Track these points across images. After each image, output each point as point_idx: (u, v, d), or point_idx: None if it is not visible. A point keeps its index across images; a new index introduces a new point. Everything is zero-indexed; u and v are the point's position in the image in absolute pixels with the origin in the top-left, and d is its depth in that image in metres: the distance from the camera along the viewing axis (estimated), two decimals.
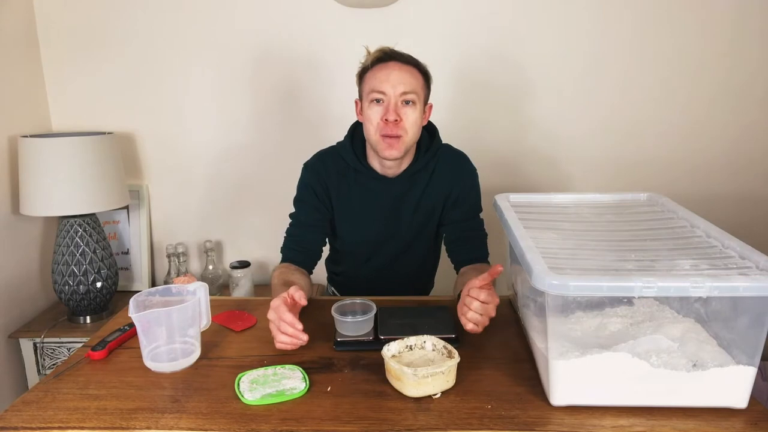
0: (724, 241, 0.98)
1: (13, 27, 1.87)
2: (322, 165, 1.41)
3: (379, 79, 1.26)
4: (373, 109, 1.28)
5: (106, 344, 1.09)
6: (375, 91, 1.27)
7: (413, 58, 1.31)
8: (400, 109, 1.27)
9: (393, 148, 1.28)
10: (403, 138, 1.28)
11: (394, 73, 1.26)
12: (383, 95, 1.26)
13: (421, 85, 1.30)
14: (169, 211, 2.13)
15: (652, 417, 0.87)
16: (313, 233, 1.41)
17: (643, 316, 0.98)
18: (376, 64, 1.28)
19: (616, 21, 1.92)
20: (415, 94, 1.27)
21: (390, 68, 1.27)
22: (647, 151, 2.03)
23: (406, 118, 1.27)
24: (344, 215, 1.42)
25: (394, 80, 1.25)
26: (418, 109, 1.29)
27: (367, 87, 1.29)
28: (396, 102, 1.26)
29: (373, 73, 1.28)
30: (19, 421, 0.88)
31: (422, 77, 1.31)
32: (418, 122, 1.30)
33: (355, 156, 1.38)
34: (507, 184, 2.02)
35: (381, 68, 1.27)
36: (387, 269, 1.47)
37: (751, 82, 1.96)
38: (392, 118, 1.25)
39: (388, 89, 1.25)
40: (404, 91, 1.26)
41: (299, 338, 1.05)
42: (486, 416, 0.88)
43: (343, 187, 1.40)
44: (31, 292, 1.95)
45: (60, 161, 1.72)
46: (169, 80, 2.01)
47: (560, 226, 1.11)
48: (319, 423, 0.87)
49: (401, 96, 1.26)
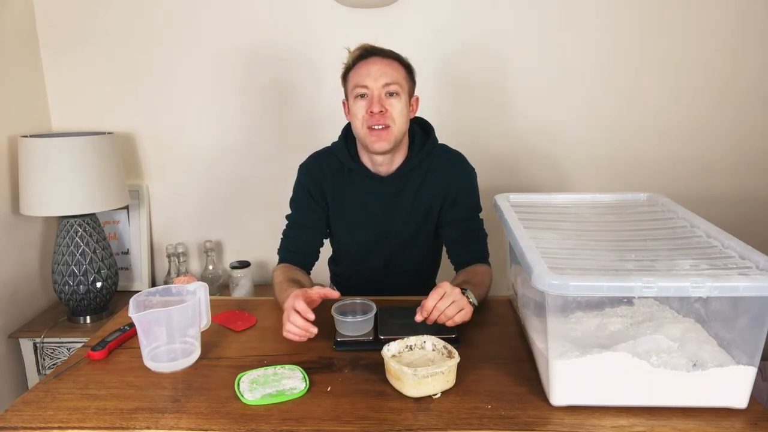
0: (724, 241, 0.98)
1: (13, 27, 1.87)
2: (316, 165, 1.42)
3: (361, 74, 1.29)
4: (358, 104, 1.30)
5: (106, 344, 1.09)
6: (358, 86, 1.29)
7: (393, 52, 1.32)
8: (385, 100, 1.28)
9: (381, 139, 1.29)
10: (391, 128, 1.29)
11: (375, 66, 1.28)
12: (366, 89, 1.28)
13: (404, 77, 1.31)
14: (169, 211, 2.13)
15: (652, 417, 0.87)
16: (310, 234, 1.41)
17: (643, 316, 0.98)
18: (357, 61, 1.31)
19: (618, 22, 1.92)
20: (397, 84, 1.29)
21: (371, 63, 1.29)
22: (647, 151, 2.03)
23: (392, 109, 1.28)
24: (340, 215, 1.42)
25: (375, 73, 1.27)
26: (403, 100, 1.30)
27: (350, 84, 1.32)
28: (380, 94, 1.28)
29: (356, 70, 1.31)
30: (19, 421, 0.88)
31: (404, 69, 1.32)
32: (405, 113, 1.31)
33: (348, 155, 1.39)
34: (507, 185, 2.01)
35: (362, 64, 1.30)
36: (385, 268, 1.47)
37: (751, 83, 1.96)
38: (377, 109, 1.27)
39: (370, 83, 1.27)
40: (386, 82, 1.27)
41: (308, 330, 1.06)
42: (486, 416, 0.88)
43: (338, 186, 1.40)
44: (31, 292, 1.95)
45: (60, 161, 1.72)
46: (169, 80, 2.01)
47: (560, 226, 1.11)
48: (319, 423, 0.87)
49: (384, 88, 1.28)
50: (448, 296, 1.08)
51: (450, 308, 1.08)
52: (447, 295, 1.08)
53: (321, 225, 1.43)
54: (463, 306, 1.10)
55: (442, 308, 1.08)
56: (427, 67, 1.90)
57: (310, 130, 2.02)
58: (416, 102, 1.38)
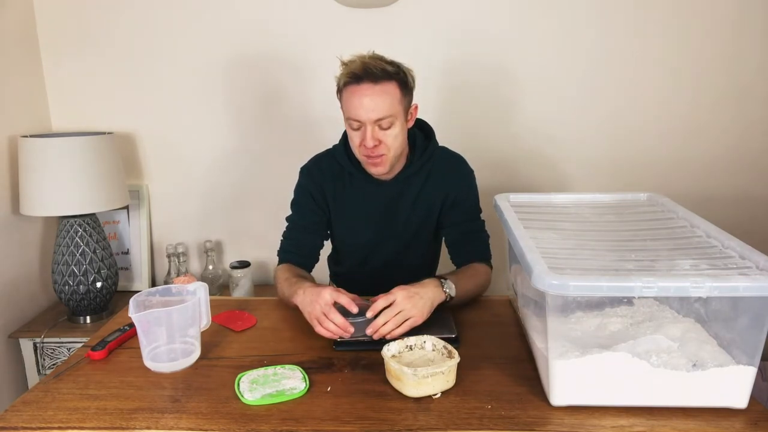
0: (724, 241, 0.98)
1: (13, 27, 1.87)
2: (317, 168, 1.42)
3: (354, 105, 1.24)
4: (352, 132, 1.29)
5: (106, 344, 1.09)
6: (350, 118, 1.27)
7: (387, 68, 1.24)
8: (378, 133, 1.25)
9: (378, 166, 1.30)
10: (385, 156, 1.28)
11: (366, 99, 1.22)
12: (359, 122, 1.26)
13: (398, 100, 1.25)
14: (169, 211, 2.13)
15: (652, 417, 0.87)
16: (310, 236, 1.41)
17: (643, 316, 0.98)
18: (348, 85, 1.25)
19: (616, 22, 1.92)
20: (391, 116, 1.24)
21: (362, 93, 1.22)
22: (647, 151, 2.03)
23: (386, 138, 1.26)
24: (341, 217, 1.42)
25: (367, 107, 1.22)
26: (398, 125, 1.27)
27: (344, 108, 1.29)
28: (372, 128, 1.25)
29: (348, 97, 1.25)
30: (19, 421, 0.88)
31: (399, 89, 1.25)
32: (400, 136, 1.29)
33: (348, 159, 1.39)
34: (507, 185, 2.01)
35: (353, 92, 1.24)
36: (385, 268, 1.47)
37: (751, 83, 1.96)
38: (370, 144, 1.25)
39: (362, 116, 1.23)
40: (379, 117, 1.23)
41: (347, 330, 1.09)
42: (486, 416, 0.88)
43: (339, 189, 1.41)
44: (31, 292, 1.95)
45: (60, 161, 1.72)
46: (169, 80, 2.01)
47: (560, 226, 1.11)
48: (319, 423, 0.87)
49: (376, 122, 1.25)
50: (396, 306, 1.09)
51: (391, 321, 1.08)
52: (395, 305, 1.09)
53: (321, 227, 1.43)
54: (412, 315, 1.09)
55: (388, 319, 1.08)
56: (427, 67, 1.89)
57: (310, 130, 2.02)
58: (415, 110, 1.35)
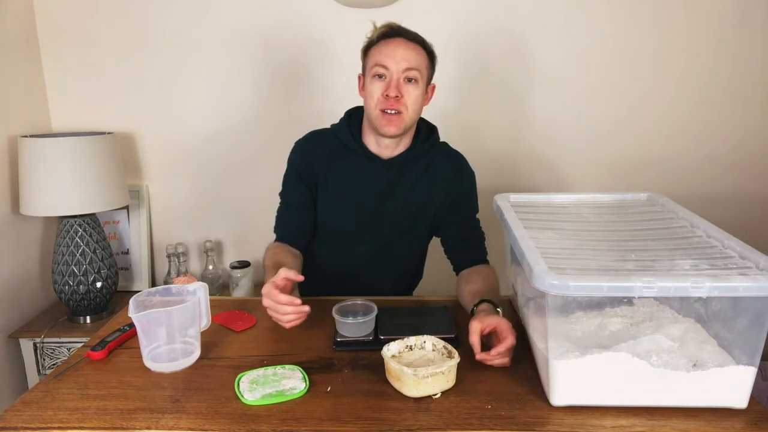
0: (724, 241, 0.98)
1: (13, 27, 1.87)
2: (311, 144, 1.40)
3: (384, 53, 1.26)
4: (374, 84, 1.28)
5: (106, 344, 1.09)
6: (378, 65, 1.26)
7: (420, 36, 1.29)
8: (402, 86, 1.26)
9: (392, 124, 1.28)
10: (403, 115, 1.27)
11: (399, 49, 1.25)
12: (386, 70, 1.26)
13: (426, 64, 1.29)
14: (169, 211, 2.13)
15: (652, 417, 0.87)
16: (301, 213, 1.39)
17: (643, 316, 0.98)
18: (381, 39, 1.28)
19: (620, 22, 1.92)
20: (417, 71, 1.26)
21: (395, 44, 1.26)
22: (648, 151, 2.03)
23: (408, 95, 1.26)
24: (327, 198, 1.39)
25: (398, 56, 1.24)
26: (420, 88, 1.28)
27: (370, 61, 1.29)
28: (398, 78, 1.25)
29: (378, 48, 1.27)
30: (19, 421, 0.88)
31: (427, 56, 1.29)
32: (420, 101, 1.29)
33: (350, 134, 1.37)
34: (507, 185, 2.01)
35: (386, 43, 1.27)
36: (367, 261, 1.43)
37: (752, 84, 1.96)
38: (393, 93, 1.25)
39: (391, 65, 1.25)
40: (407, 67, 1.25)
41: (302, 311, 1.07)
42: (486, 416, 0.88)
43: (333, 167, 1.38)
44: (31, 292, 1.95)
45: (60, 161, 1.72)
46: (169, 80, 2.01)
47: (560, 226, 1.11)
48: (319, 423, 0.87)
49: (404, 72, 1.25)
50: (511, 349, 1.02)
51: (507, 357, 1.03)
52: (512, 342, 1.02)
53: (309, 205, 1.40)
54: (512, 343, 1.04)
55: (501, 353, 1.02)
56: None
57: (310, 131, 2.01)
58: (432, 90, 1.36)
